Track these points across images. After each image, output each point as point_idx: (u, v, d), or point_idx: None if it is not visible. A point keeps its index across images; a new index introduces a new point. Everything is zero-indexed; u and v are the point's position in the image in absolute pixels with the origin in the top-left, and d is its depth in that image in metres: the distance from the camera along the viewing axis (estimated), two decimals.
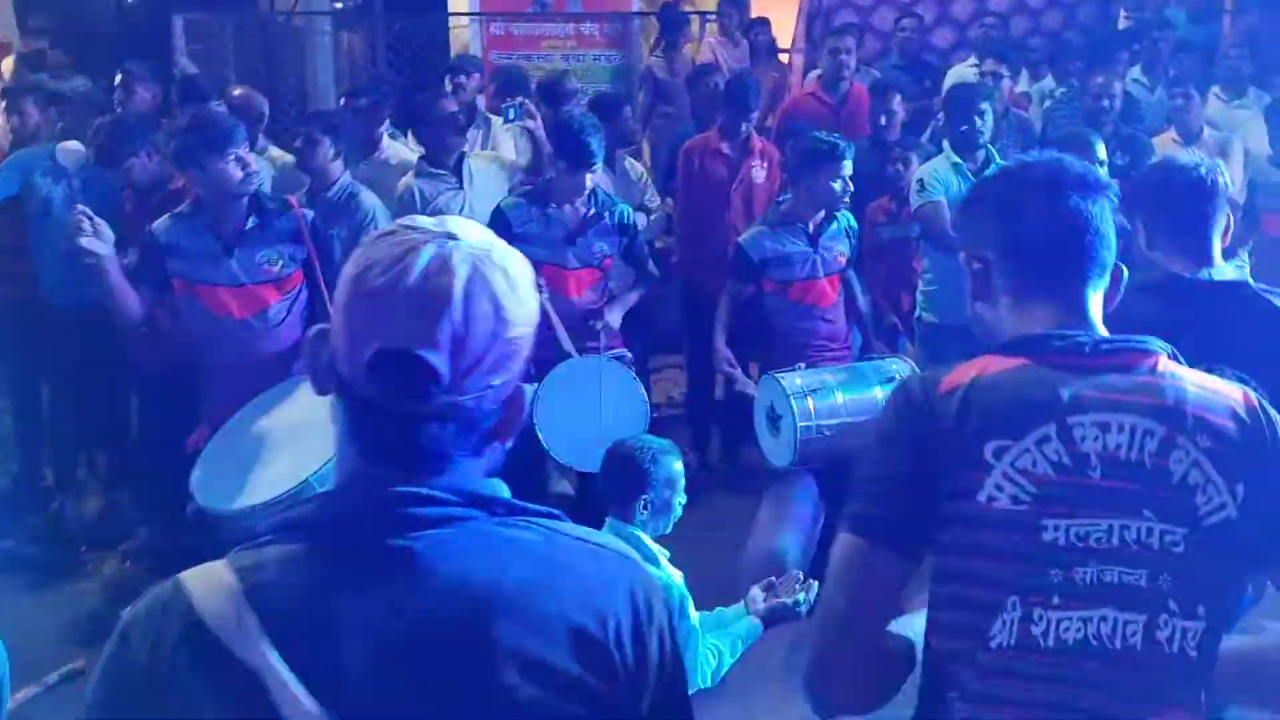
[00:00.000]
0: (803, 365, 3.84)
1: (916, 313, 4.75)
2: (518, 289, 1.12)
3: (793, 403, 3.62)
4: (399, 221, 1.15)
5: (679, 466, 2.78)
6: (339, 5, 10.09)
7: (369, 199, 4.34)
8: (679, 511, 2.79)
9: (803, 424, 3.61)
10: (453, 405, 1.09)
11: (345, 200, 4.31)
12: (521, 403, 1.16)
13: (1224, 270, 2.36)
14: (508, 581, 1.08)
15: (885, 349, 4.30)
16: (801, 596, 2.75)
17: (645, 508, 2.69)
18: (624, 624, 1.12)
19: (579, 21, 7.91)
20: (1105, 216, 1.55)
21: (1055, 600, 1.40)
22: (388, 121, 5.17)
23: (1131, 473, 1.41)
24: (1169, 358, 1.50)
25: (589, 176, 4.02)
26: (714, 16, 7.86)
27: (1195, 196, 2.36)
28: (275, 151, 5.15)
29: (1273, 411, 1.48)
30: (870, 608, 1.47)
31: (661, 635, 1.15)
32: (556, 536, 1.14)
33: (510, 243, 1.17)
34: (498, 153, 5.07)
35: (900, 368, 3.82)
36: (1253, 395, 1.49)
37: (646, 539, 2.69)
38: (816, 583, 2.66)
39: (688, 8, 8.64)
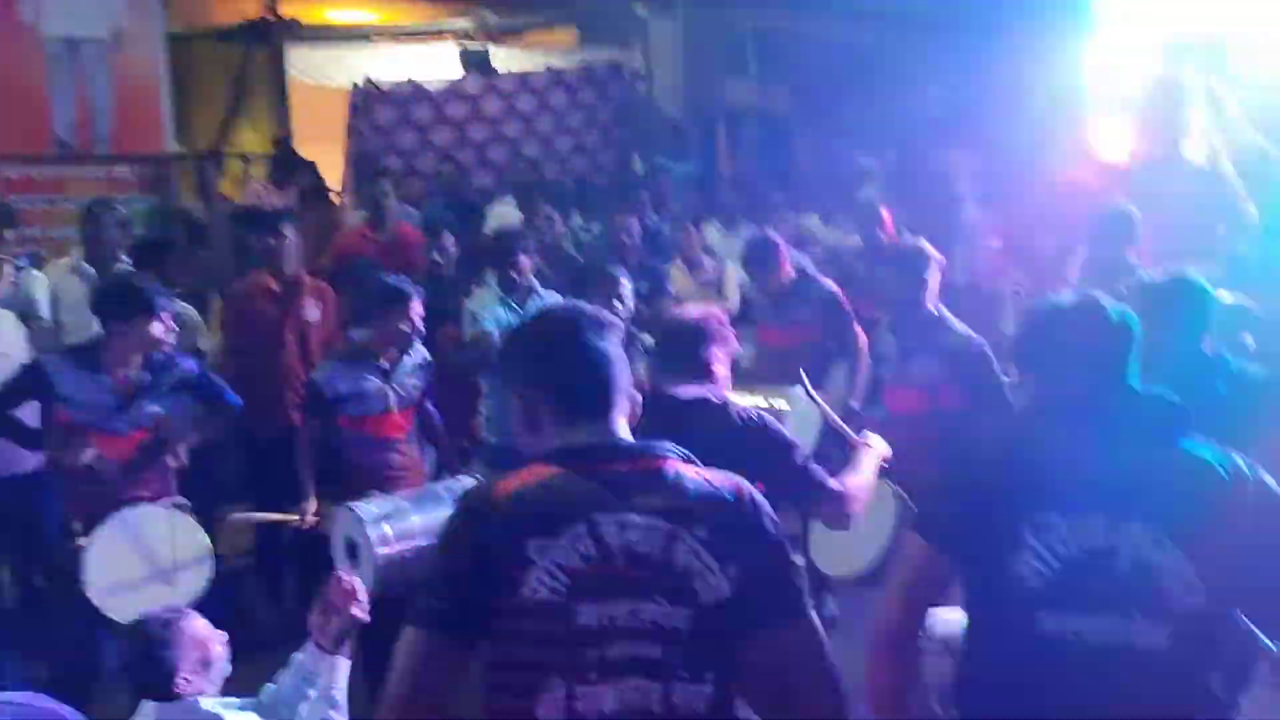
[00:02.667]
0: (376, 493, 3.90)
1: (481, 434, 4.99)
2: None
3: (369, 530, 3.65)
4: None
5: (200, 624, 2.65)
6: None
7: None
8: (226, 655, 2.64)
9: (381, 550, 3.64)
10: None
11: None
12: None
13: (691, 389, 2.85)
14: None
15: (459, 470, 4.47)
16: (357, 602, 2.48)
17: (183, 681, 2.55)
18: None
19: (110, 164, 7.53)
20: (619, 350, 1.83)
21: (592, 676, 1.63)
22: None
23: (645, 563, 1.67)
24: (680, 459, 1.77)
25: (149, 331, 3.77)
26: (256, 158, 7.86)
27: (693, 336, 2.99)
28: None
29: (759, 499, 1.78)
30: (428, 693, 1.64)
31: None
32: None
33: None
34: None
35: (470, 485, 3.99)
36: (745, 485, 1.79)
37: (205, 704, 2.54)
38: (357, 579, 2.50)
39: (228, 149, 8.55)
